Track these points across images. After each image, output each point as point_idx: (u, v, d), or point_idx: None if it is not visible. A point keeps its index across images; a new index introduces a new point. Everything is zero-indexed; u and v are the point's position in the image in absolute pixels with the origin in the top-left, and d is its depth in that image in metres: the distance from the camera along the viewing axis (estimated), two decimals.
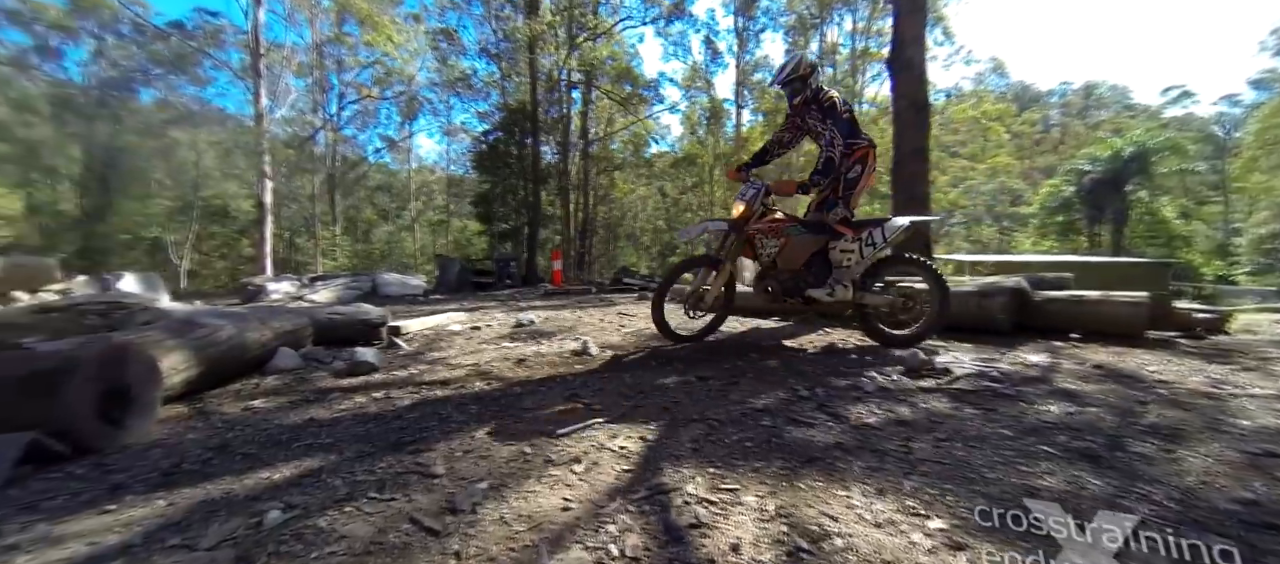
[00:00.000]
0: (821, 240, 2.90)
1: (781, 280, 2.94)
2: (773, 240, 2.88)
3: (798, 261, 2.90)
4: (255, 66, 14.92)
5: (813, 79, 2.99)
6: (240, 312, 2.87)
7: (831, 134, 2.85)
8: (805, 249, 2.89)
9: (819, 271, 2.93)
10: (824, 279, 2.92)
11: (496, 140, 16.46)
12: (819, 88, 2.99)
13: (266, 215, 15.04)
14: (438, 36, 18.95)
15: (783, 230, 2.88)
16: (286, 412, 1.96)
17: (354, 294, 8.23)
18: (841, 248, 2.90)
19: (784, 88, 3.03)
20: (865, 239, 2.90)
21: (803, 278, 2.93)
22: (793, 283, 2.93)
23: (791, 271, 2.92)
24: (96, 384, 1.56)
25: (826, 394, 2.09)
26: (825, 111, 2.93)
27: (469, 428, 1.66)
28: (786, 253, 2.88)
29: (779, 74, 3.04)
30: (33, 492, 1.29)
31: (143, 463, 1.45)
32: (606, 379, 2.32)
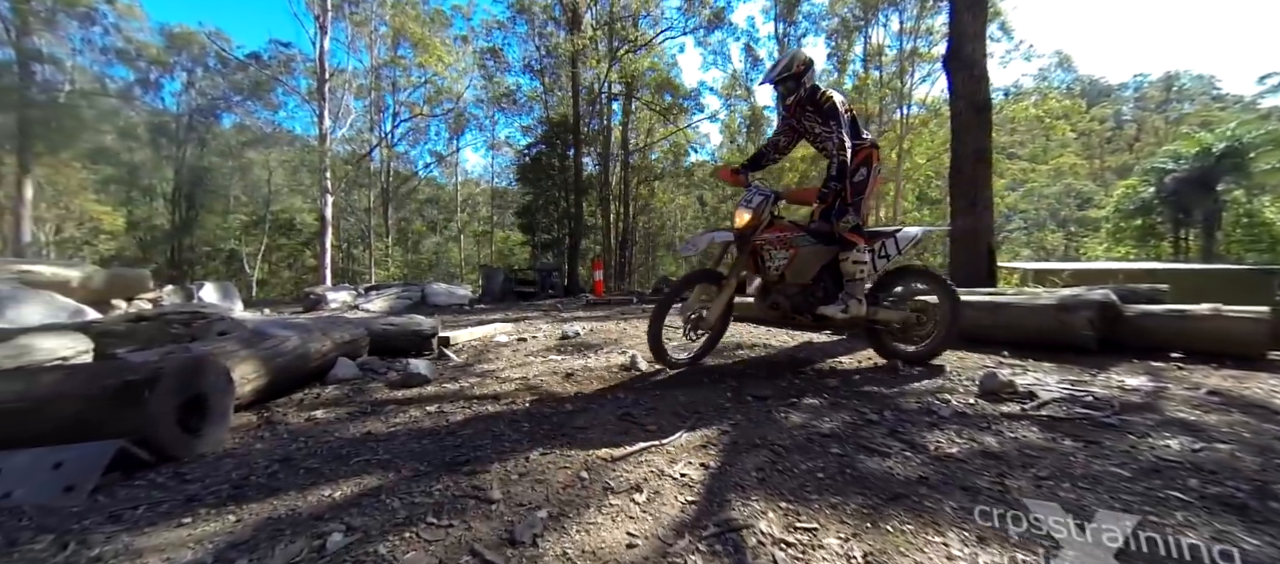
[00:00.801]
0: (832, 251, 2.69)
1: (789, 295, 2.69)
2: (781, 252, 2.64)
3: (807, 275, 2.67)
4: (320, 90, 16.01)
5: (807, 77, 2.77)
6: (303, 323, 2.99)
7: (838, 136, 2.65)
8: (815, 261, 2.67)
9: (829, 286, 2.72)
10: (835, 294, 2.70)
11: (539, 153, 16.85)
12: (815, 87, 2.79)
13: (327, 228, 16.00)
14: (484, 55, 19.71)
15: (792, 240, 2.65)
16: (345, 424, 2.00)
17: (405, 303, 8.56)
18: (855, 259, 2.66)
19: (775, 87, 2.84)
20: (877, 250, 2.72)
21: (813, 293, 2.70)
22: (802, 299, 2.69)
23: (800, 286, 2.69)
24: (178, 394, 1.63)
25: (897, 418, 1.93)
26: (826, 113, 2.73)
27: (522, 448, 1.62)
28: (796, 265, 2.64)
29: (770, 72, 2.85)
30: (118, 499, 1.34)
31: (215, 474, 1.49)
32: (658, 397, 2.24)
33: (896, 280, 2.87)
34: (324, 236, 15.94)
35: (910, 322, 2.80)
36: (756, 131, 21.61)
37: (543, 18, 18.20)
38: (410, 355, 3.36)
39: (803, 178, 19.00)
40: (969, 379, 2.52)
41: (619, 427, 1.83)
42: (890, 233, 2.78)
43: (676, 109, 20.20)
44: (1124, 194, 22.50)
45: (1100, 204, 25.81)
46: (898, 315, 2.77)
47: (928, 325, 2.82)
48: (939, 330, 2.81)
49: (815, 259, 2.67)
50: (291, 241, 21.71)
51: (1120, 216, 22.39)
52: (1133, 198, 21.84)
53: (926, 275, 2.94)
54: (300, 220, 20.60)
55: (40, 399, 1.52)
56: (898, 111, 21.31)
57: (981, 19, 5.88)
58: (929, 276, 2.90)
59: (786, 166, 18.99)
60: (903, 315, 2.78)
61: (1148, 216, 21.45)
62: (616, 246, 18.87)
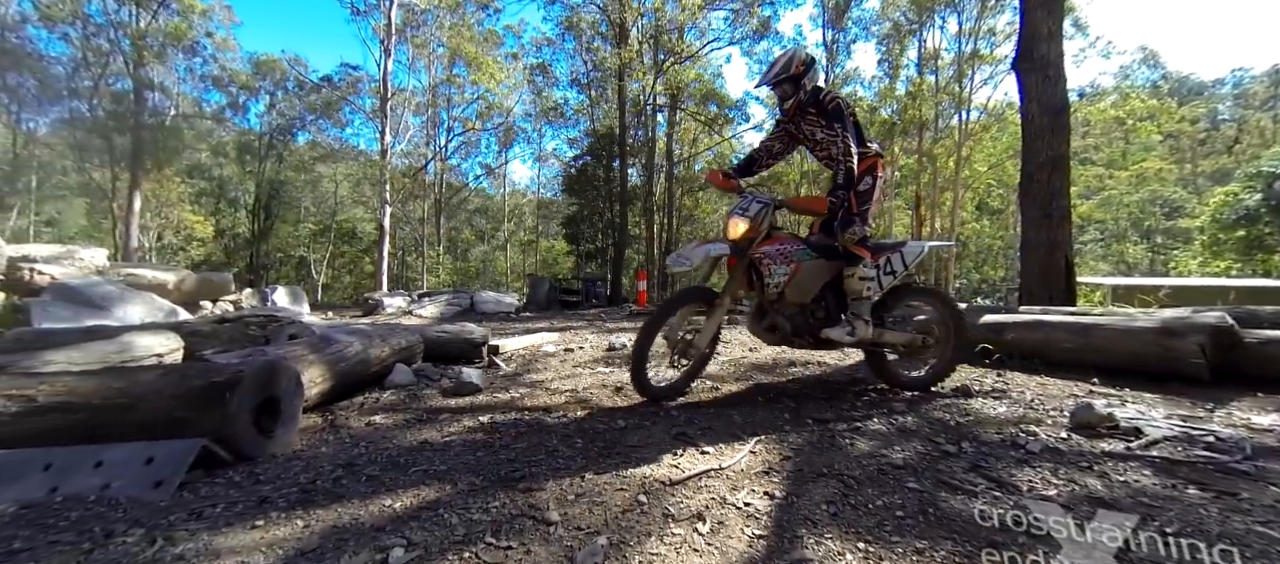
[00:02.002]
0: (836, 267, 2.44)
1: (789, 316, 2.42)
2: (781, 267, 2.35)
3: (809, 293, 2.41)
4: (383, 109, 17.08)
5: (808, 78, 2.54)
6: (365, 330, 3.12)
7: (844, 141, 2.41)
8: (818, 278, 2.41)
9: (832, 305, 2.46)
10: (838, 314, 2.44)
11: (585, 165, 17.17)
12: (817, 88, 2.58)
13: (385, 236, 16.95)
14: (533, 71, 20.40)
15: (793, 254, 2.38)
16: (403, 431, 2.04)
17: (455, 310, 8.86)
18: (861, 275, 2.39)
19: (773, 89, 2.61)
20: (883, 266, 2.49)
21: (814, 313, 2.45)
22: (803, 320, 2.43)
23: (801, 306, 2.42)
24: (255, 397, 1.72)
25: (978, 451, 1.75)
26: (830, 115, 2.49)
27: (577, 465, 1.59)
28: (797, 282, 2.36)
29: (767, 73, 2.61)
30: (200, 496, 1.41)
31: (285, 476, 1.54)
32: (712, 416, 2.15)
33: (897, 299, 2.65)
34: (382, 245, 16.89)
35: (915, 344, 2.61)
36: None
37: (590, 33, 18.65)
38: (462, 363, 3.43)
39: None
40: (1054, 408, 2.28)
41: (674, 446, 1.76)
42: (895, 247, 2.57)
43: (721, 119, 20.07)
44: (1223, 202, 20.21)
45: (1193, 213, 23.34)
46: (902, 337, 2.58)
47: (932, 348, 2.62)
48: (945, 353, 2.61)
49: (818, 275, 2.41)
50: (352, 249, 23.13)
51: (1218, 227, 20.10)
52: (1234, 206, 19.56)
53: (928, 293, 2.72)
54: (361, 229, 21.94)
55: (137, 396, 1.63)
56: (956, 117, 20.22)
57: (1057, 16, 5.46)
58: (931, 294, 2.71)
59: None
60: (907, 337, 2.60)
61: (1254, 227, 19.13)
62: (660, 257, 18.87)
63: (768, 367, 3.31)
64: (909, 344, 2.61)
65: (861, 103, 20.70)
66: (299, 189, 20.55)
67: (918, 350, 2.64)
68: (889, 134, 19.26)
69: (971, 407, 2.34)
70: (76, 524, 1.24)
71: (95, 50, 14.26)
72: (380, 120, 17.35)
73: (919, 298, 2.75)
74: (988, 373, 3.05)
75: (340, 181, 21.71)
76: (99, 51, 14.31)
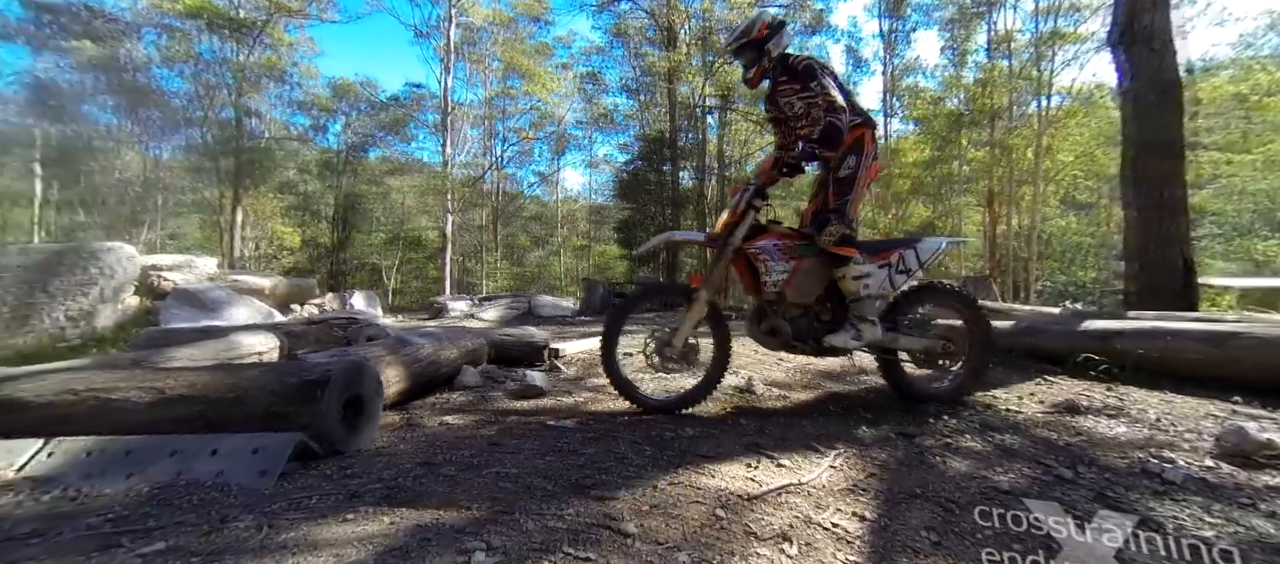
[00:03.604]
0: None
1: (791, 318, 2.25)
2: (781, 264, 2.18)
3: (811, 294, 2.23)
4: (444, 123, 18.09)
5: (773, 43, 2.26)
6: (435, 333, 3.26)
7: (825, 97, 2.14)
8: (820, 277, 2.23)
9: (838, 307, 2.28)
10: (841, 320, 2.25)
11: (636, 169, 17.28)
12: (785, 54, 2.30)
13: (448, 244, 17.90)
14: (584, 80, 20.84)
15: (795, 250, 2.21)
16: (474, 432, 2.09)
17: (515, 313, 9.16)
18: (853, 273, 2.19)
19: (736, 59, 2.38)
20: (895, 263, 2.27)
21: (818, 316, 2.27)
22: (806, 323, 2.26)
23: (803, 307, 2.25)
24: (342, 394, 1.82)
25: (1101, 477, 1.54)
26: (803, 75, 2.21)
27: (649, 474, 1.55)
28: (797, 281, 2.20)
29: (728, 40, 2.40)
30: (298, 487, 1.50)
31: (371, 472, 1.61)
32: (786, 426, 2.05)
33: (916, 301, 2.42)
34: (445, 251, 17.84)
35: (935, 351, 2.36)
36: None
37: (638, 39, 18.79)
38: (525, 365, 3.51)
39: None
40: (1190, 431, 1.98)
41: (747, 458, 1.68)
42: (909, 243, 2.36)
43: None
44: None
45: None
46: (920, 343, 2.34)
47: (955, 356, 2.37)
48: (969, 363, 2.34)
49: (820, 274, 2.23)
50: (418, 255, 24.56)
51: None
52: None
53: (950, 294, 2.46)
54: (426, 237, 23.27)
55: (244, 391, 1.78)
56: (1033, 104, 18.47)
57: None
58: (953, 295, 2.46)
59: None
60: (926, 343, 2.34)
61: None
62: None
63: (837, 374, 3.14)
64: (928, 351, 2.36)
65: (924, 95, 19.41)
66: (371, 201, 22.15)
67: (938, 358, 2.39)
68: (956, 126, 17.92)
69: (1081, 425, 2.09)
70: (197, 507, 1.36)
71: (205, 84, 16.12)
72: (442, 134, 18.38)
73: (940, 300, 2.48)
74: (1091, 386, 2.72)
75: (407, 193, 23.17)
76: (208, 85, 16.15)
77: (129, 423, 1.78)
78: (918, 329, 2.38)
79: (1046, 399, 2.48)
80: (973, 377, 2.39)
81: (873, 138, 2.28)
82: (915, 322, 2.40)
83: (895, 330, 2.32)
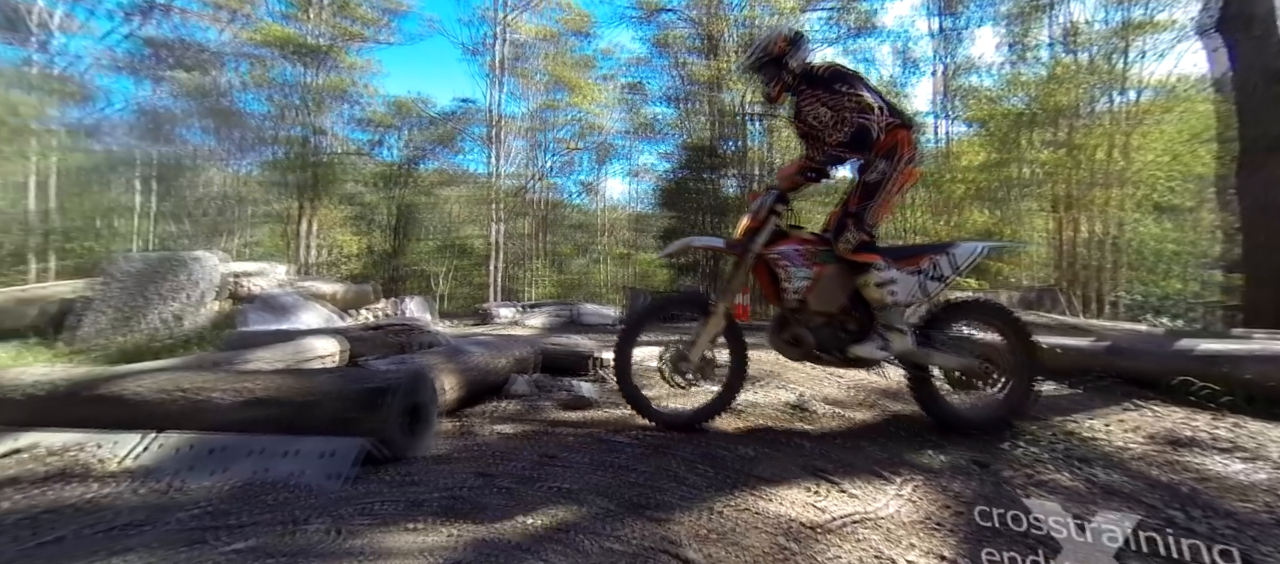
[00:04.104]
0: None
1: (814, 327, 2.15)
2: (802, 270, 2.10)
3: (835, 302, 2.13)
4: (491, 136, 18.82)
5: (793, 58, 2.18)
6: (487, 341, 3.35)
7: (854, 99, 2.03)
8: (843, 285, 2.12)
9: (864, 317, 2.14)
10: (870, 328, 2.11)
11: (679, 178, 17.27)
12: (809, 65, 2.20)
13: (494, 251, 18.51)
14: (626, 90, 21.12)
15: (818, 255, 2.11)
16: (527, 442, 2.11)
17: (560, 321, 9.30)
18: (876, 280, 2.06)
19: (756, 77, 2.32)
20: (927, 270, 2.11)
21: (844, 325, 2.15)
22: (830, 333, 2.15)
23: (827, 316, 2.14)
24: (404, 402, 1.88)
25: (1230, 528, 1.35)
26: (829, 81, 2.12)
27: (707, 496, 1.50)
28: (820, 288, 2.10)
29: (745, 60, 2.34)
30: (365, 492, 1.56)
31: (430, 480, 1.65)
32: (847, 449, 1.95)
33: (954, 316, 2.24)
34: (492, 259, 18.45)
35: (972, 370, 2.16)
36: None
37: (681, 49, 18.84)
38: (573, 375, 3.53)
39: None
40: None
41: (809, 482, 1.60)
42: (943, 248, 2.19)
43: None
44: None
45: None
46: (956, 361, 2.15)
47: (996, 378, 2.16)
48: (1012, 387, 2.13)
49: (843, 282, 2.12)
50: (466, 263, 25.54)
51: None
52: None
53: (991, 309, 2.27)
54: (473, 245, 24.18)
55: (317, 395, 1.87)
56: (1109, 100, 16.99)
57: None
58: (994, 311, 2.27)
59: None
60: (963, 362, 2.16)
61: None
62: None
63: (896, 393, 2.96)
64: (965, 370, 2.18)
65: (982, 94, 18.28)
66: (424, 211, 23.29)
67: (975, 379, 2.19)
68: (1018, 126, 16.74)
69: (1189, 461, 1.86)
70: (276, 507, 1.43)
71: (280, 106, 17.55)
72: (490, 146, 19.10)
73: (980, 316, 2.30)
74: (1192, 414, 2.42)
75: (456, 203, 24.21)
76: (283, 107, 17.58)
77: (216, 421, 1.91)
78: (953, 346, 2.19)
79: (1142, 428, 2.23)
80: (1016, 404, 2.17)
81: (910, 141, 2.14)
82: (951, 338, 2.22)
83: (929, 345, 2.16)
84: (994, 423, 2.14)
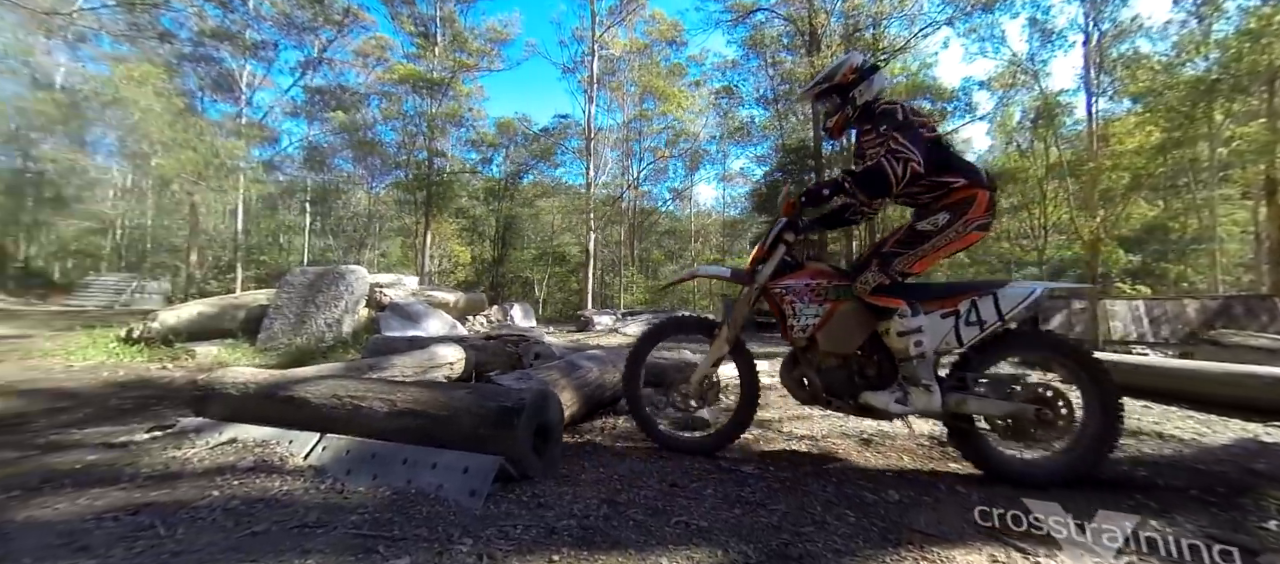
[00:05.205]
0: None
1: (825, 370, 2.01)
2: (811, 307, 1.98)
3: (849, 343, 1.98)
4: (586, 148, 19.61)
5: (860, 90, 2.02)
6: (599, 354, 3.38)
7: (889, 140, 1.86)
8: (861, 326, 1.96)
9: (885, 362, 1.96)
10: (890, 376, 1.93)
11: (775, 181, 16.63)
12: (871, 101, 2.02)
13: (589, 259, 19.21)
14: (718, 95, 20.83)
15: (829, 291, 1.98)
16: (648, 466, 2.05)
17: None
18: (899, 329, 1.87)
19: (816, 103, 2.21)
20: (964, 314, 1.88)
21: (858, 371, 1.99)
22: (842, 376, 2.00)
23: (840, 358, 2.00)
24: (532, 421, 1.92)
25: None
26: (877, 119, 1.96)
27: (861, 549, 1.32)
28: (832, 327, 1.97)
29: (809, 84, 2.21)
30: (501, 512, 1.59)
31: (561, 504, 1.65)
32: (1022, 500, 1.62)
33: (1001, 350, 1.97)
34: (587, 266, 19.17)
35: (1023, 417, 1.85)
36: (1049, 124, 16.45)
37: (775, 48, 18.16)
38: None
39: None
40: None
41: (988, 546, 1.33)
42: (986, 288, 1.90)
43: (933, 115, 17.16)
44: None
45: None
46: (1000, 408, 1.87)
47: (1060, 425, 1.83)
48: (1085, 436, 1.81)
49: (861, 323, 1.96)
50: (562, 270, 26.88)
51: None
52: None
53: (1047, 342, 1.94)
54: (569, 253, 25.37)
55: (455, 411, 1.98)
56: None
57: None
58: (1052, 344, 1.93)
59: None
60: (1008, 408, 1.87)
61: None
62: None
63: None
64: (1015, 417, 1.86)
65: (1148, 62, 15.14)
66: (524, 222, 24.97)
67: (1029, 427, 1.85)
68: (1200, 97, 13.50)
69: None
70: (427, 521, 1.51)
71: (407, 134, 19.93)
72: (585, 158, 19.92)
73: (1033, 351, 2.02)
74: None
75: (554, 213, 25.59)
76: (409, 134, 19.94)
77: (370, 428, 2.11)
78: (997, 390, 1.90)
79: None
80: (1084, 457, 1.81)
81: (987, 204, 1.89)
82: (994, 380, 1.93)
83: (963, 390, 1.90)
84: (1058, 481, 1.76)
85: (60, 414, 2.92)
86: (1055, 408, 1.84)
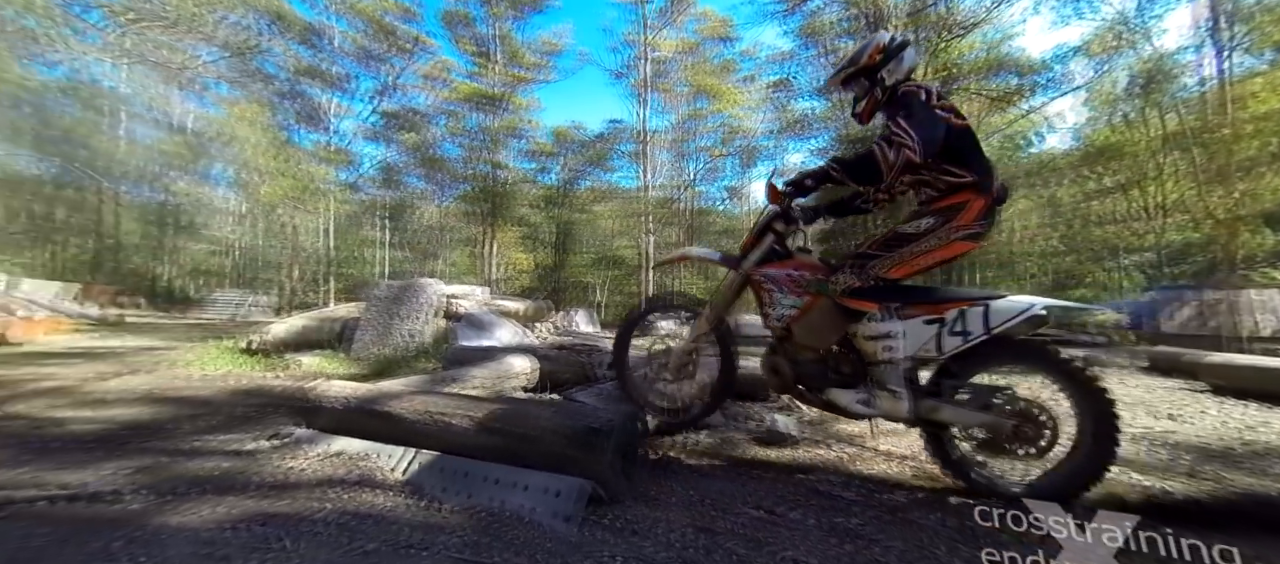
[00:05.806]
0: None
1: (798, 361, 2.03)
2: (789, 298, 2.01)
3: (822, 340, 1.98)
4: (639, 151, 19.70)
5: (888, 70, 1.92)
6: None
7: (900, 126, 1.70)
8: (834, 325, 1.95)
9: (857, 362, 1.94)
10: (862, 376, 1.92)
11: None
12: (898, 84, 1.90)
13: (645, 262, 19.27)
14: (771, 89, 20.18)
15: (809, 284, 1.99)
16: (734, 486, 1.96)
17: None
18: (867, 332, 1.86)
19: (844, 88, 2.10)
20: (949, 324, 1.76)
21: (833, 368, 1.99)
22: (815, 370, 2.01)
23: (814, 353, 2.01)
24: (618, 443, 1.89)
25: None
26: (892, 106, 1.89)
27: None
28: (807, 320, 1.98)
29: (836, 68, 2.10)
30: (594, 539, 1.56)
31: (653, 532, 1.60)
32: None
33: (984, 360, 1.87)
34: (643, 269, 19.24)
35: (1004, 430, 1.76)
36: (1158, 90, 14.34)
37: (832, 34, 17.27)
38: (751, 399, 3.32)
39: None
40: None
41: None
42: (979, 300, 1.79)
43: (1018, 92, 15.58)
44: None
45: None
46: (975, 418, 1.80)
47: (1044, 440, 1.74)
48: (1077, 452, 1.70)
49: (836, 320, 1.94)
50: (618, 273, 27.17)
51: None
52: None
53: (1034, 353, 1.82)
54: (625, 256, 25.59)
55: (539, 431, 1.99)
56: None
57: None
58: (1044, 357, 1.79)
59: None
60: (985, 419, 1.79)
61: None
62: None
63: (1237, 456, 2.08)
64: (992, 430, 1.78)
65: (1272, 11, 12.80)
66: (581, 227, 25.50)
67: (1008, 441, 1.77)
68: None
69: None
70: (521, 547, 1.51)
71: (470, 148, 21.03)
72: (638, 161, 20.02)
73: (1019, 363, 1.88)
74: None
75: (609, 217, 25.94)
76: (472, 149, 21.02)
77: (457, 444, 2.16)
78: (974, 400, 1.82)
79: None
80: (1081, 472, 1.69)
81: (981, 211, 1.77)
82: (973, 389, 1.84)
83: (937, 397, 1.84)
84: (1051, 493, 1.63)
85: (198, 420, 3.26)
86: (1036, 423, 1.75)
